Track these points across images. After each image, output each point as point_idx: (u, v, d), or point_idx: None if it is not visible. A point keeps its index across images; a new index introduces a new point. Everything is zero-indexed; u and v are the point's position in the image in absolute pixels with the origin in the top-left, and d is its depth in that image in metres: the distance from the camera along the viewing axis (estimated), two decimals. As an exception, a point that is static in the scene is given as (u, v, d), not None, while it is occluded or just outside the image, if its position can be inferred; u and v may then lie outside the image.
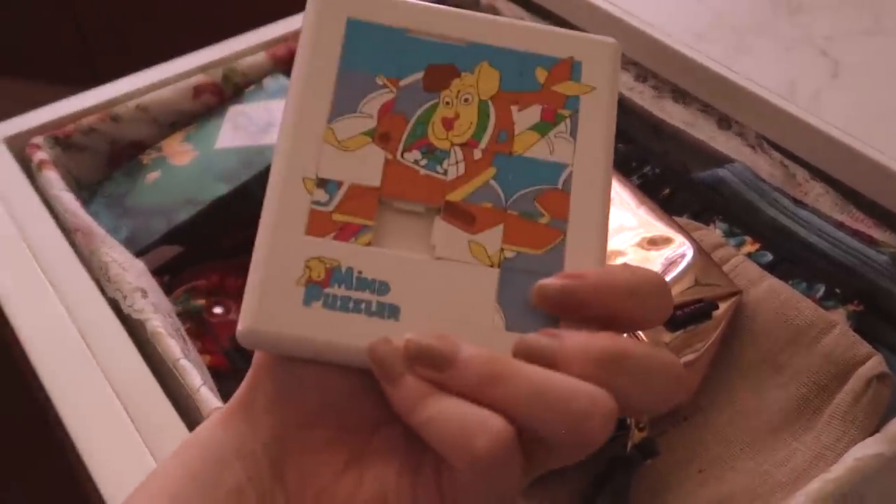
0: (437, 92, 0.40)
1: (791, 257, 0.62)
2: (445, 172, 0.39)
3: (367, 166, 0.38)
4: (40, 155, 0.74)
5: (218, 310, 0.69)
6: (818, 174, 0.65)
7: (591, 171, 0.39)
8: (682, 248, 0.58)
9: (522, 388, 0.33)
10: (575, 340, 0.34)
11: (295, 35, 0.83)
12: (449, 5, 0.42)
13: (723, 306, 0.56)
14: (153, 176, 0.75)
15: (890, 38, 0.71)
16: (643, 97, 0.75)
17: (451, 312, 0.37)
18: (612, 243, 0.59)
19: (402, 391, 0.34)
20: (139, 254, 0.69)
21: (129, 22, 1.64)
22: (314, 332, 0.36)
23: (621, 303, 0.35)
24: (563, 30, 0.41)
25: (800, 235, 0.62)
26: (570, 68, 0.40)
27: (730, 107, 0.70)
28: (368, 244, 0.37)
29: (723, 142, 0.70)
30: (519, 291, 0.37)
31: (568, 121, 0.39)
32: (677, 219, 0.62)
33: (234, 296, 0.70)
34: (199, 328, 0.67)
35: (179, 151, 0.77)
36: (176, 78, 0.80)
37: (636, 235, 0.59)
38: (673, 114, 0.73)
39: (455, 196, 0.38)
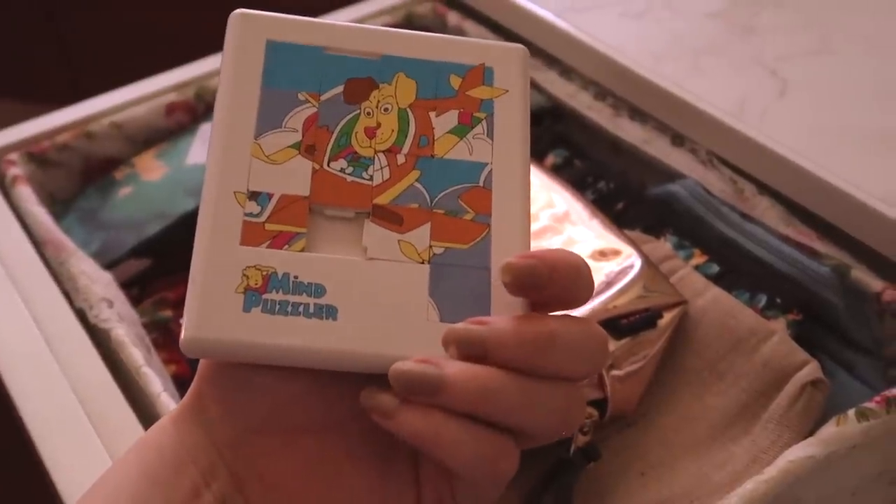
0: (358, 104, 0.41)
1: (736, 269, 0.64)
2: (371, 178, 0.40)
3: (295, 177, 0.40)
4: (14, 171, 0.76)
5: (185, 321, 0.71)
6: (765, 189, 0.67)
7: (510, 167, 0.41)
8: (630, 260, 0.60)
9: (515, 400, 0.35)
10: (504, 325, 0.35)
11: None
12: (415, 27, 0.44)
13: (668, 315, 0.58)
14: (125, 191, 0.77)
15: (836, 58, 0.73)
16: (602, 115, 0.77)
17: (387, 309, 0.38)
18: (561, 254, 0.61)
19: (403, 427, 0.35)
20: (109, 266, 0.71)
21: (114, 42, 1.66)
22: (255, 336, 0.37)
23: (567, 280, 0.36)
24: (473, 39, 0.44)
25: (745, 248, 0.64)
26: (483, 74, 0.43)
27: (683, 125, 0.72)
28: (302, 250, 0.39)
29: (676, 158, 0.72)
30: (450, 285, 0.39)
31: (484, 122, 0.42)
32: (628, 232, 0.64)
33: (201, 307, 0.72)
34: (165, 338, 0.69)
35: (151, 168, 0.79)
36: (149, 96, 0.82)
37: (587, 247, 0.61)
38: (630, 132, 0.75)
39: (382, 199, 0.40)
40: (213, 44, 0.89)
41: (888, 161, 0.64)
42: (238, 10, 0.42)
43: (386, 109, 0.42)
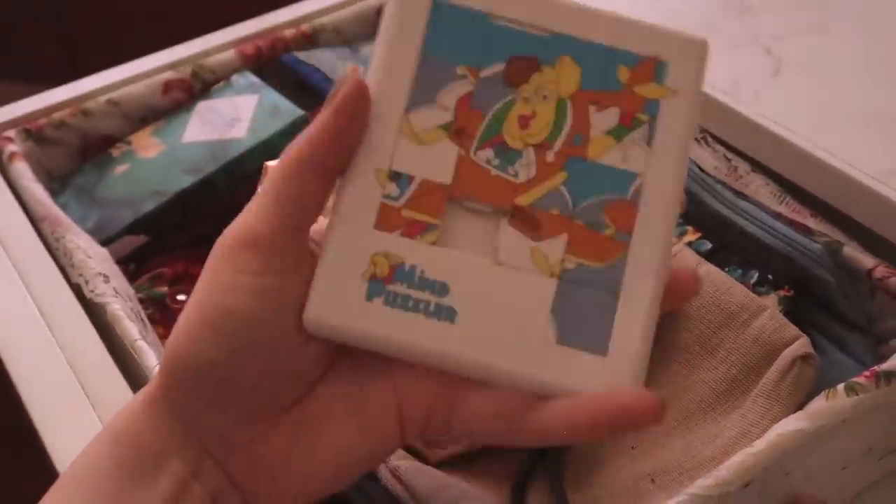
0: (517, 87, 0.39)
1: (729, 245, 0.64)
2: (516, 174, 0.38)
3: (439, 162, 0.38)
4: (11, 147, 0.76)
5: (182, 297, 0.71)
6: (759, 167, 0.68)
7: (662, 182, 0.38)
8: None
9: None
10: None
11: (262, 34, 0.85)
12: None
13: (658, 290, 0.58)
14: (122, 168, 0.78)
15: (832, 37, 0.73)
16: (597, 94, 0.77)
17: (505, 321, 0.37)
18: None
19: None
20: (105, 243, 0.71)
21: (112, 21, 1.66)
22: (373, 327, 0.37)
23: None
24: (652, 24, 0.40)
25: (738, 225, 0.64)
26: (655, 68, 0.39)
27: (677, 103, 0.72)
28: (434, 243, 0.38)
29: (671, 137, 0.72)
30: (574, 305, 0.37)
31: (645, 126, 0.38)
32: (621, 209, 0.65)
33: (197, 284, 0.72)
34: (161, 314, 0.70)
35: (148, 145, 0.79)
36: (146, 74, 0.82)
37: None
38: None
39: (523, 200, 0.38)
40: (211, 22, 0.89)
41: (881, 139, 0.65)
42: None
43: (545, 97, 0.39)
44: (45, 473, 0.56)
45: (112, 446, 0.38)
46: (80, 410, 0.58)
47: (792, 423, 0.51)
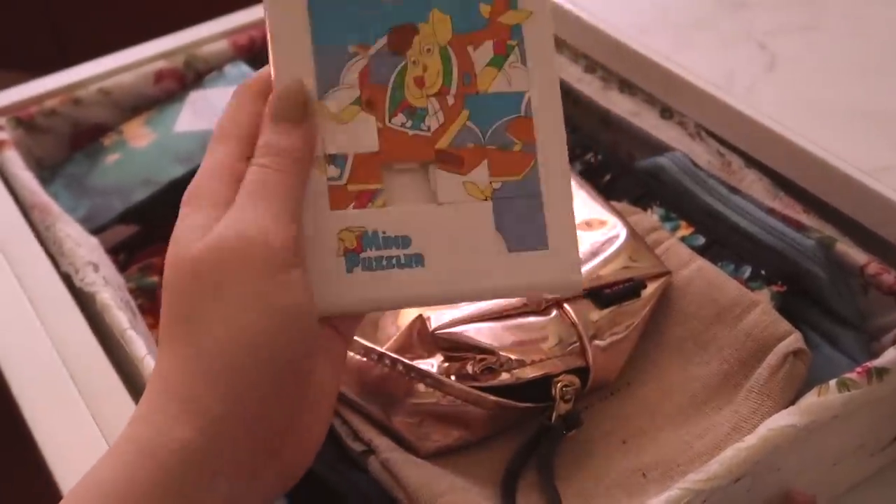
0: (403, 53, 0.43)
1: (722, 240, 0.64)
2: (429, 128, 0.43)
3: (364, 134, 0.43)
4: (2, 135, 0.76)
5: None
6: (752, 162, 0.67)
7: (546, 92, 0.44)
8: (615, 230, 0.60)
9: None
10: None
11: (256, 24, 0.85)
12: None
13: (652, 286, 0.58)
14: (113, 157, 0.77)
15: (826, 33, 0.73)
16: (592, 88, 0.77)
17: (463, 248, 0.42)
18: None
19: None
20: (96, 232, 0.71)
21: (102, 12, 1.65)
22: (362, 294, 0.41)
23: None
24: None
25: (731, 220, 0.64)
26: None
27: (672, 98, 0.72)
28: (384, 205, 0.42)
29: (665, 131, 0.72)
30: (510, 216, 0.43)
31: (517, 49, 0.44)
32: (614, 203, 0.64)
33: (188, 274, 0.72)
34: (151, 304, 0.69)
35: (139, 134, 0.78)
36: (138, 63, 0.82)
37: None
38: (619, 104, 0.75)
39: (442, 144, 0.43)
40: (203, 11, 0.89)
41: (874, 135, 0.65)
42: None
43: (428, 50, 0.44)
44: (34, 462, 0.56)
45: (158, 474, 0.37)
46: (69, 399, 0.57)
47: (783, 419, 0.51)
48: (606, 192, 0.69)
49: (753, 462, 0.50)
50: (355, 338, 0.53)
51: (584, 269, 0.57)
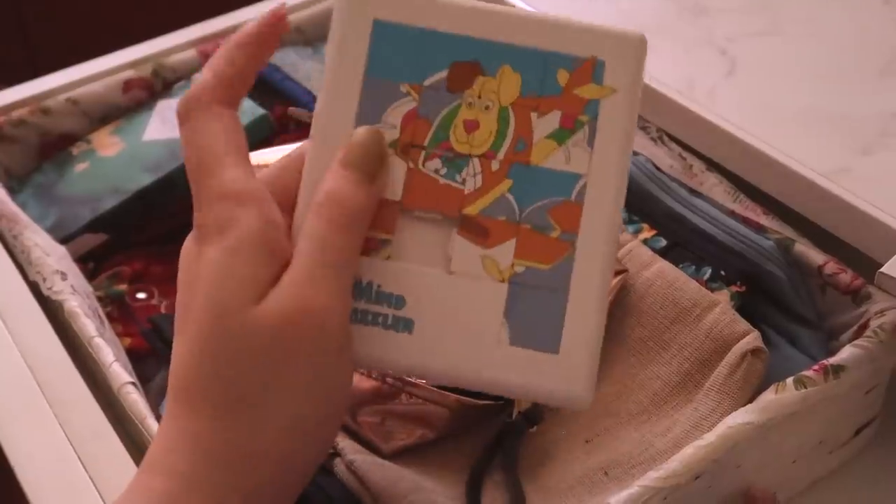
0: (461, 92, 0.40)
1: (683, 242, 0.65)
2: (464, 182, 0.40)
3: (389, 181, 0.40)
4: (-31, 146, 0.76)
5: (141, 295, 0.71)
6: (713, 166, 0.69)
7: (605, 181, 0.39)
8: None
9: None
10: None
11: (225, 33, 0.85)
12: None
13: (609, 285, 0.59)
14: (81, 167, 0.77)
15: (783, 38, 0.74)
16: (556, 94, 0.78)
17: (460, 326, 0.39)
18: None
19: None
20: (64, 241, 0.71)
21: (72, 20, 1.65)
22: None
23: None
24: (588, 24, 0.41)
25: (692, 222, 0.65)
26: (593, 69, 0.40)
27: (634, 103, 0.73)
28: (388, 258, 0.39)
29: (628, 136, 0.73)
30: (525, 307, 0.39)
31: (586, 128, 0.39)
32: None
33: (157, 282, 0.72)
34: (120, 312, 0.69)
35: (108, 144, 0.79)
36: (107, 73, 0.82)
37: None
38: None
39: (472, 209, 0.39)
40: (171, 21, 0.89)
41: (832, 139, 0.66)
42: None
43: (487, 107, 0.40)
44: (2, 469, 0.56)
45: None
46: (35, 407, 0.57)
47: (741, 416, 0.52)
48: (570, 196, 0.70)
49: (712, 460, 0.51)
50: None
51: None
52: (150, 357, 0.66)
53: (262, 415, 0.36)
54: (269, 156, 0.64)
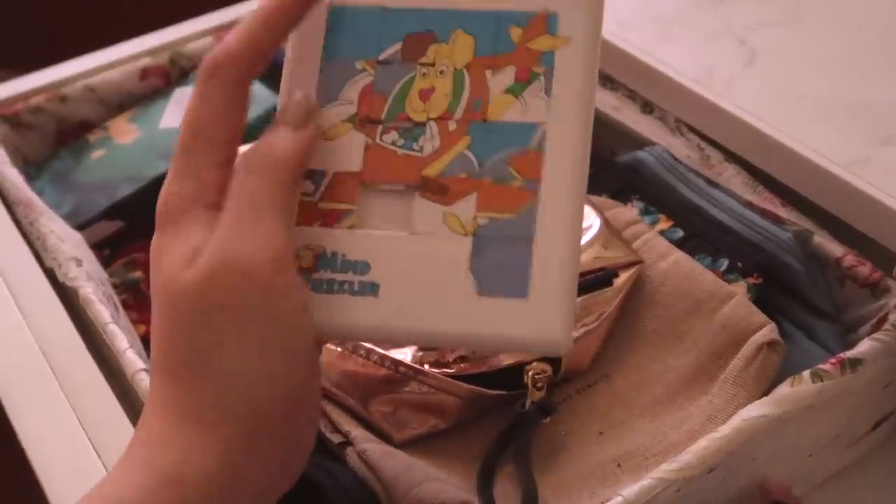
0: (415, 62, 0.40)
1: (700, 233, 0.64)
2: (422, 149, 0.40)
3: (348, 153, 0.40)
4: (-13, 132, 0.76)
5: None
6: (731, 157, 0.68)
7: (566, 127, 0.39)
8: (588, 221, 0.60)
9: None
10: None
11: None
12: None
13: (624, 275, 0.58)
14: (98, 154, 0.78)
15: (804, 28, 0.74)
16: (573, 84, 0.77)
17: (426, 284, 0.38)
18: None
19: None
20: (80, 228, 0.71)
21: (94, 11, 1.66)
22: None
23: None
24: None
25: (710, 213, 0.65)
26: (546, 21, 0.40)
27: (652, 92, 0.73)
28: (352, 227, 0.39)
29: (646, 126, 0.72)
30: (491, 257, 0.38)
31: (542, 78, 0.39)
32: (594, 197, 0.65)
33: (172, 269, 0.72)
34: (135, 299, 0.70)
35: (124, 131, 0.79)
36: (124, 60, 0.82)
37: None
38: (600, 99, 0.75)
39: (431, 171, 0.39)
40: (188, 9, 0.89)
41: (851, 129, 0.65)
42: None
43: (441, 72, 0.40)
44: (14, 456, 0.56)
45: None
46: (51, 393, 0.58)
47: (756, 409, 0.52)
48: (588, 184, 0.69)
49: (726, 452, 0.50)
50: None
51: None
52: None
53: (219, 370, 0.37)
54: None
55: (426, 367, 0.53)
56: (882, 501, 0.61)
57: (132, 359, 0.57)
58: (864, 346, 0.55)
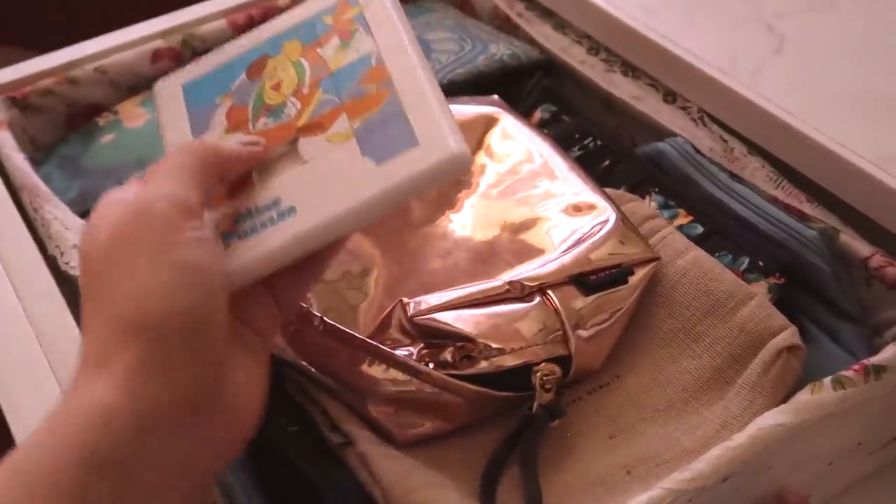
0: (260, 76, 0.48)
1: (721, 230, 0.62)
2: (289, 116, 0.46)
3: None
4: (-5, 115, 0.75)
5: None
6: (756, 149, 0.65)
7: (395, 41, 0.46)
8: (605, 215, 0.58)
9: None
10: None
11: (254, 3, 0.83)
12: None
13: (639, 272, 0.56)
14: (107, 138, 0.76)
15: (836, 15, 0.71)
16: (594, 70, 0.75)
17: (334, 185, 0.43)
18: (538, 209, 0.59)
19: None
20: (87, 213, 0.70)
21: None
22: (244, 257, 0.42)
23: None
24: None
25: (732, 209, 0.62)
26: (347, 2, 0.49)
27: (674, 81, 0.70)
28: (255, 184, 0.45)
29: (667, 115, 0.70)
30: (375, 137, 0.43)
31: (361, 29, 0.47)
32: (611, 190, 0.63)
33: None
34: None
35: (134, 114, 0.77)
36: (135, 42, 0.81)
37: (563, 201, 0.60)
38: (622, 87, 0.73)
39: (301, 121, 0.46)
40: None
41: (882, 124, 0.62)
42: (157, 81, 0.52)
43: (284, 69, 0.48)
44: (10, 445, 0.55)
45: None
46: (46, 384, 0.56)
47: (773, 418, 0.49)
48: (606, 176, 0.67)
49: (741, 462, 0.48)
50: (335, 324, 0.51)
51: (571, 254, 0.56)
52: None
53: (109, 293, 0.39)
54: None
55: (429, 365, 0.51)
56: (907, 511, 0.59)
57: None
58: (889, 352, 0.53)
